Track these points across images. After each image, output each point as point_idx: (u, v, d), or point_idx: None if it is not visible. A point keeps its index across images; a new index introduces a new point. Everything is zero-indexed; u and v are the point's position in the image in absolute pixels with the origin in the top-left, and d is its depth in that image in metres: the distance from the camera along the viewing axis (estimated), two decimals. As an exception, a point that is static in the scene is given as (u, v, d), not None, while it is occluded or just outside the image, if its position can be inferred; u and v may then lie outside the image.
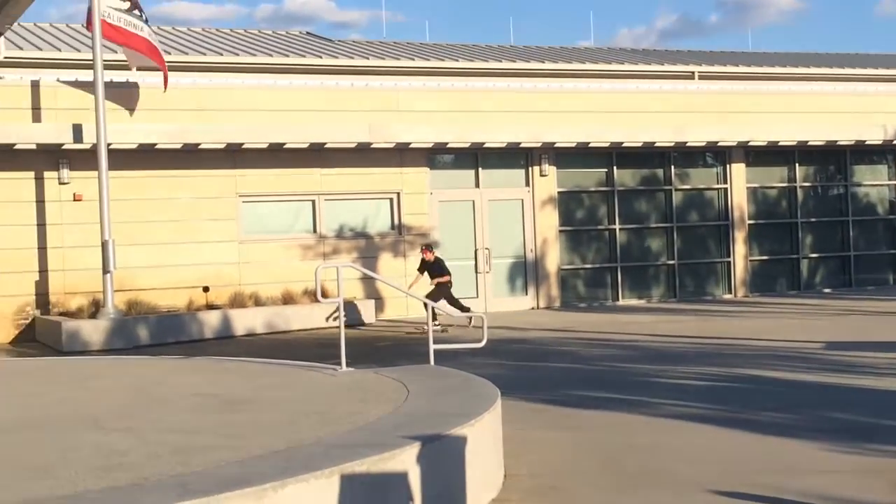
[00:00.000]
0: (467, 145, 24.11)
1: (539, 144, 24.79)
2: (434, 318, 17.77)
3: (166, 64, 21.75)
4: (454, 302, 20.97)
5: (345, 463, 6.44)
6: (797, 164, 28.03)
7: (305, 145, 22.68)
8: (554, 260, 25.65)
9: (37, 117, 21.09)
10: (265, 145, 22.34)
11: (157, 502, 5.73)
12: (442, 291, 20.60)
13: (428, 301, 12.79)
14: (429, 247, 21.56)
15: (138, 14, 21.31)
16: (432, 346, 11.46)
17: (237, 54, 27.71)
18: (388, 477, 6.65)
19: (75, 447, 7.59)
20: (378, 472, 6.58)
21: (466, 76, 27.24)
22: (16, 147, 20.51)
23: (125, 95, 21.41)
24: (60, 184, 21.25)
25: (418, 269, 21.36)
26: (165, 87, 21.23)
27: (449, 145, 23.94)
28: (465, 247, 24.86)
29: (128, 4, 21.12)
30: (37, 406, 9.94)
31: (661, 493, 7.97)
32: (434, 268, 21.08)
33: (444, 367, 11.11)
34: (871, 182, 29.01)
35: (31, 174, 21.12)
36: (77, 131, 20.60)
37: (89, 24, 20.64)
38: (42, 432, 8.35)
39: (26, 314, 21.17)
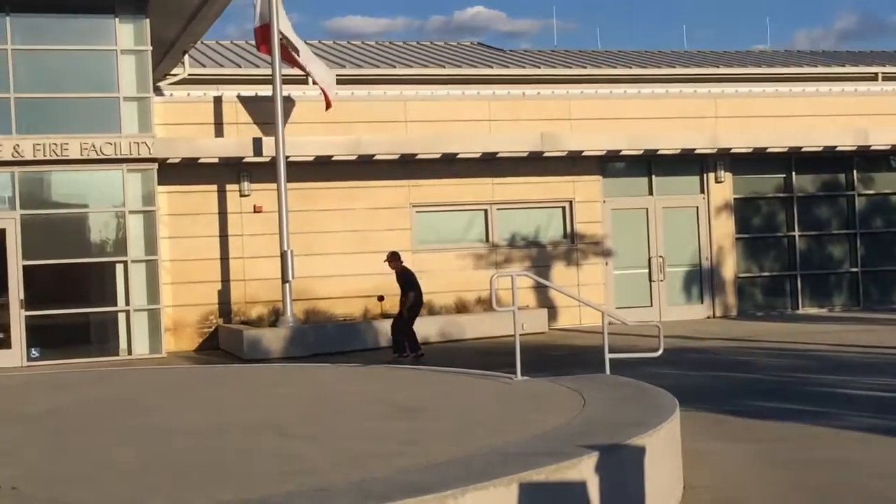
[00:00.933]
0: (640, 152, 23.81)
1: (714, 150, 24.29)
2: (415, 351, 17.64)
3: (342, 77, 22.17)
4: (407, 333, 17.93)
5: (523, 472, 6.41)
6: None
7: (478, 155, 22.77)
8: (730, 268, 25.10)
9: (219, 132, 21.77)
10: (438, 155, 22.53)
11: (340, 507, 5.82)
12: (409, 314, 17.99)
13: (603, 308, 12.64)
14: (393, 255, 18.46)
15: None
16: (608, 356, 11.35)
17: (410, 66, 28.07)
18: (566, 486, 6.60)
19: (259, 452, 7.78)
20: (556, 481, 6.53)
21: (638, 83, 27.02)
22: (200, 161, 21.23)
23: (302, 109, 21.91)
24: (241, 196, 21.90)
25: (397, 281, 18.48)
26: (328, 107, 21.50)
27: (622, 153, 23.69)
28: (638, 255, 24.56)
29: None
30: (221, 412, 10.24)
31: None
32: (399, 282, 18.31)
33: (620, 376, 11.00)
34: None
35: (214, 187, 21.82)
36: (257, 145, 21.21)
37: (260, 45, 21.26)
38: (227, 437, 8.60)
39: (210, 323, 21.85)
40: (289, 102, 21.35)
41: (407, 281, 18.11)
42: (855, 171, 26.01)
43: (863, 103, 25.78)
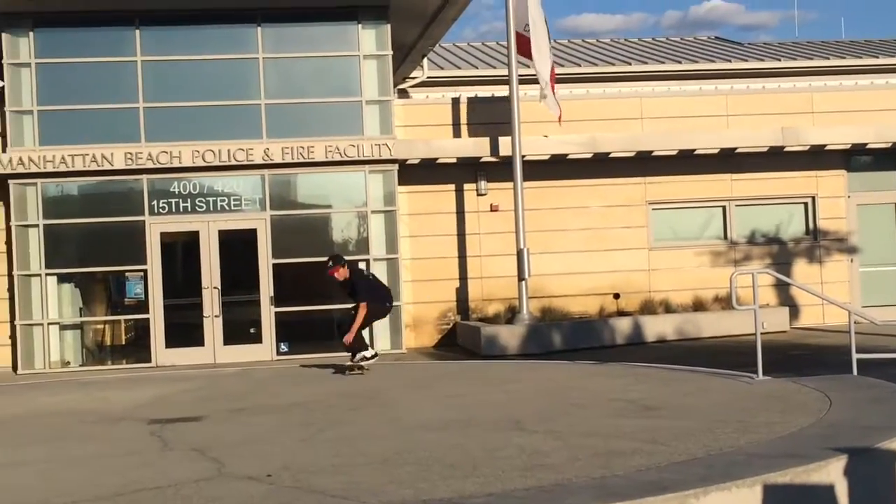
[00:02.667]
0: (888, 145, 22.74)
1: (969, 142, 23.00)
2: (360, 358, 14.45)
3: (578, 75, 22.05)
4: (358, 341, 14.62)
5: (767, 473, 6.28)
6: None
7: (715, 151, 22.29)
8: None
9: (456, 132, 22.09)
10: (674, 152, 22.17)
11: (581, 503, 5.83)
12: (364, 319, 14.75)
13: (849, 307, 12.16)
14: (336, 260, 15.25)
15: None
16: (855, 356, 10.93)
17: (645, 62, 27.79)
18: (812, 489, 6.42)
19: (499, 447, 7.87)
20: (802, 483, 6.36)
21: (886, 73, 25.82)
22: (438, 161, 21.60)
23: (537, 108, 21.98)
24: (478, 195, 22.16)
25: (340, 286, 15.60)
26: (560, 122, 21.31)
27: (868, 146, 22.71)
28: (887, 252, 23.47)
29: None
30: (461, 407, 10.40)
31: None
32: (350, 289, 15.19)
33: (868, 377, 10.57)
34: None
35: (452, 186, 22.17)
36: (494, 145, 21.41)
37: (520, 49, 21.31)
38: (467, 432, 8.73)
39: (448, 319, 22.22)
40: (525, 101, 21.45)
41: (358, 288, 15.04)
42: None
43: None
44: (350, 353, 14.66)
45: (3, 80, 20.94)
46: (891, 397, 9.13)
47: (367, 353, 14.49)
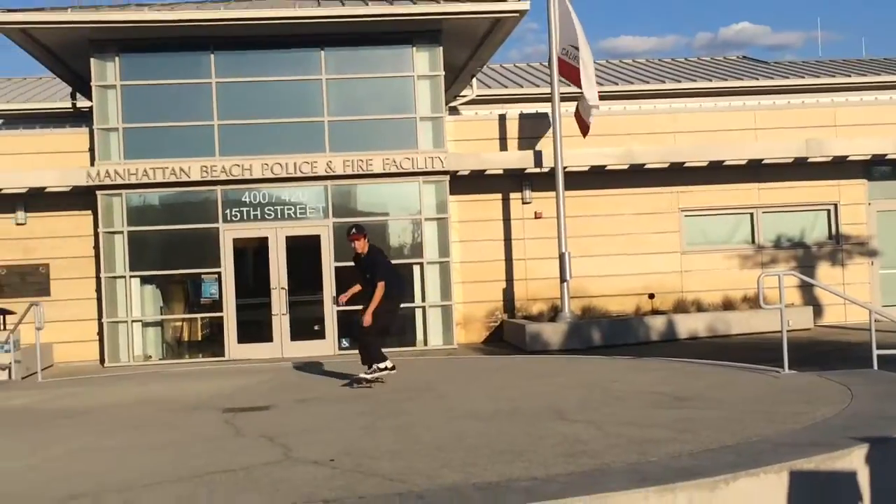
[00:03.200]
0: (906, 156, 22.46)
1: (983, 152, 22.61)
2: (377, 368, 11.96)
3: (616, 92, 21.94)
4: (373, 344, 12.09)
5: (793, 460, 6.21)
6: None
7: (743, 162, 22.10)
8: None
9: (503, 146, 22.05)
10: (705, 163, 22.01)
11: (618, 487, 5.79)
12: (379, 318, 11.89)
13: (870, 306, 11.98)
14: (360, 229, 12.56)
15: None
16: (876, 352, 10.78)
17: (679, 81, 27.60)
18: (836, 475, 6.33)
19: (543, 435, 7.84)
20: (826, 470, 6.28)
21: (903, 88, 25.46)
22: (486, 172, 21.59)
23: (571, 125, 21.88)
24: (523, 203, 22.12)
25: (355, 264, 12.83)
26: (584, 135, 21.18)
27: (887, 156, 22.40)
28: (904, 255, 23.19)
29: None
30: (508, 398, 10.37)
31: None
32: (368, 264, 12.33)
33: (889, 372, 10.41)
34: None
35: (499, 196, 22.14)
36: (538, 157, 21.37)
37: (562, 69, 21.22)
38: (513, 421, 8.71)
39: (495, 318, 22.19)
40: (566, 117, 21.38)
41: (379, 265, 12.28)
42: None
43: None
44: (364, 360, 12.09)
45: (91, 100, 21.22)
46: (909, 390, 8.99)
47: (388, 364, 11.94)
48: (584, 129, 21.11)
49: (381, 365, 11.90)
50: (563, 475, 6.22)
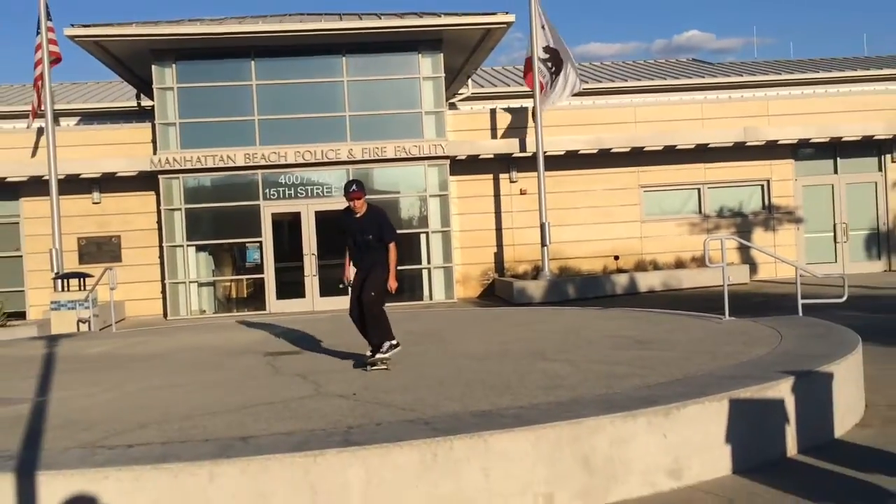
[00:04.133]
0: (826, 140, 22.36)
1: (890, 136, 22.51)
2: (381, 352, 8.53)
3: (587, 90, 21.73)
4: (384, 316, 8.79)
5: (732, 390, 6.23)
6: None
7: (692, 146, 22.03)
8: (904, 232, 23.27)
9: (493, 135, 21.96)
10: (661, 148, 21.94)
11: (590, 414, 5.81)
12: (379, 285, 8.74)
13: (795, 263, 11.92)
14: (359, 186, 9.02)
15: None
16: (800, 301, 10.78)
17: (639, 80, 27.44)
18: (767, 402, 6.35)
19: (528, 372, 7.86)
20: (759, 398, 6.30)
21: (823, 84, 25.30)
22: (480, 157, 21.53)
23: (555, 115, 21.82)
24: (510, 182, 22.07)
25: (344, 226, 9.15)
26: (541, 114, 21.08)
27: (811, 141, 22.32)
28: (824, 222, 23.14)
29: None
30: (498, 342, 10.38)
31: None
32: (371, 223, 8.91)
33: (810, 317, 10.42)
34: None
35: (490, 176, 22.08)
36: (522, 144, 21.30)
37: (525, 76, 21.16)
38: (503, 361, 8.72)
39: (488, 276, 22.20)
40: (545, 111, 21.28)
41: (385, 224, 8.94)
42: None
43: None
44: (375, 336, 8.66)
45: (153, 100, 21.14)
46: (828, 333, 8.99)
47: (396, 342, 8.68)
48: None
49: (395, 341, 8.62)
50: (545, 404, 6.24)
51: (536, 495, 5.46)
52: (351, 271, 9.14)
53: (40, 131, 20.29)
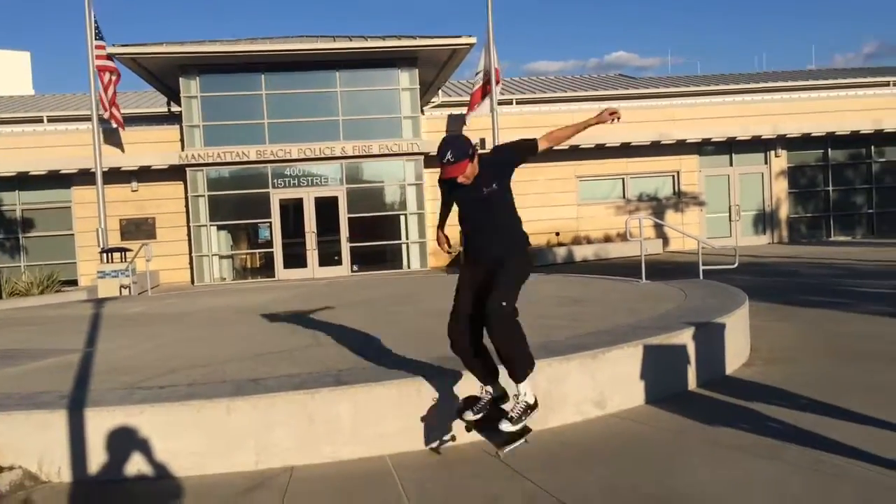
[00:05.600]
0: (724, 139, 22.56)
1: (774, 136, 22.77)
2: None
3: (533, 98, 21.70)
4: (514, 334, 4.70)
5: (646, 338, 6.29)
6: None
7: (617, 144, 22.13)
8: (784, 211, 23.59)
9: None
10: (593, 146, 22.01)
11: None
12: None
13: (698, 237, 12.06)
14: (455, 154, 4.48)
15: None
16: (701, 267, 10.90)
17: (576, 91, 27.38)
18: (673, 348, 6.43)
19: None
20: (667, 344, 6.37)
21: (721, 94, 25.43)
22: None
23: (504, 120, 21.76)
24: (472, 173, 21.97)
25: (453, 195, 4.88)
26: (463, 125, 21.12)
27: (712, 140, 22.50)
28: (722, 204, 23.41)
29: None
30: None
31: (873, 363, 7.11)
32: (486, 178, 4.71)
33: (709, 280, 10.54)
34: None
35: (456, 168, 21.96)
36: (482, 142, 21.20)
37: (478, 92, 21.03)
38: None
39: (455, 250, 22.12)
40: (501, 115, 21.18)
41: (508, 150, 4.91)
42: (872, 147, 23.85)
43: (878, 101, 23.53)
44: (517, 364, 4.89)
45: (180, 106, 20.82)
46: (722, 292, 9.10)
47: (533, 401, 4.71)
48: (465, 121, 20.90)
49: (530, 391, 4.69)
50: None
51: (490, 423, 5.48)
52: (445, 238, 5.24)
53: (98, 131, 19.93)
